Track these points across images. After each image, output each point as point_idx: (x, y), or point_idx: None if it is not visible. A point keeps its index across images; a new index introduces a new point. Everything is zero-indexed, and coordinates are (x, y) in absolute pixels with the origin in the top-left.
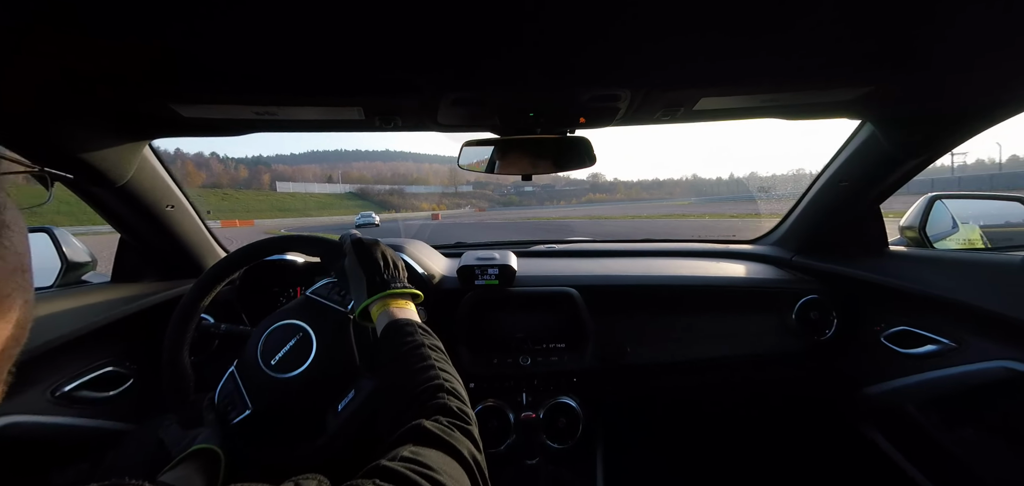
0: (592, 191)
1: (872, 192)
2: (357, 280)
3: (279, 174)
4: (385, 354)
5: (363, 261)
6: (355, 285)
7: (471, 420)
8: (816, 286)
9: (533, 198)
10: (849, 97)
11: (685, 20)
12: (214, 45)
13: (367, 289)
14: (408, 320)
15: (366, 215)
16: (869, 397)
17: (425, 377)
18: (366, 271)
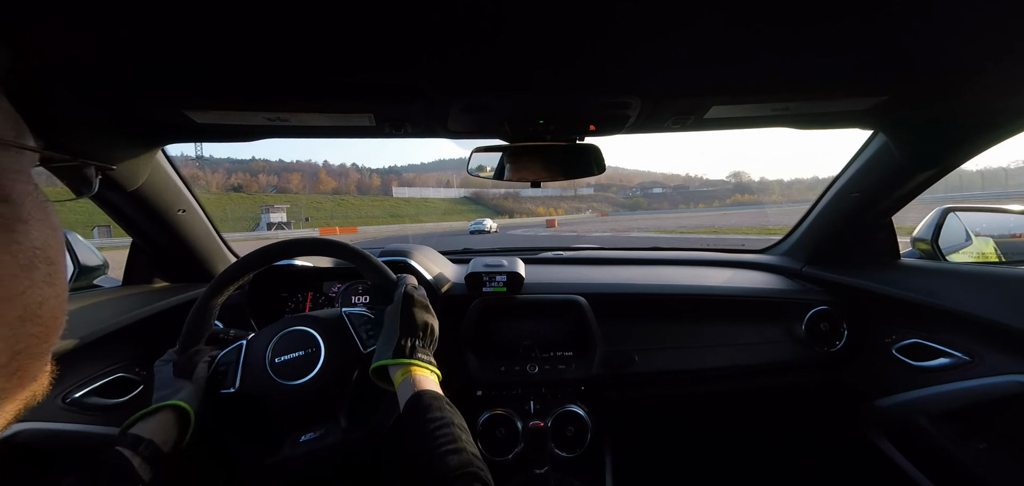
0: (738, 192)
1: (884, 204)
2: (389, 333)
3: (407, 182)
4: (411, 427)
5: (404, 318)
6: (385, 337)
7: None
8: (826, 297)
9: (664, 200)
10: (861, 107)
11: (695, 28)
12: (226, 53)
13: (395, 350)
14: (436, 394)
15: (479, 222)
16: (880, 409)
17: (458, 460)
18: (402, 330)
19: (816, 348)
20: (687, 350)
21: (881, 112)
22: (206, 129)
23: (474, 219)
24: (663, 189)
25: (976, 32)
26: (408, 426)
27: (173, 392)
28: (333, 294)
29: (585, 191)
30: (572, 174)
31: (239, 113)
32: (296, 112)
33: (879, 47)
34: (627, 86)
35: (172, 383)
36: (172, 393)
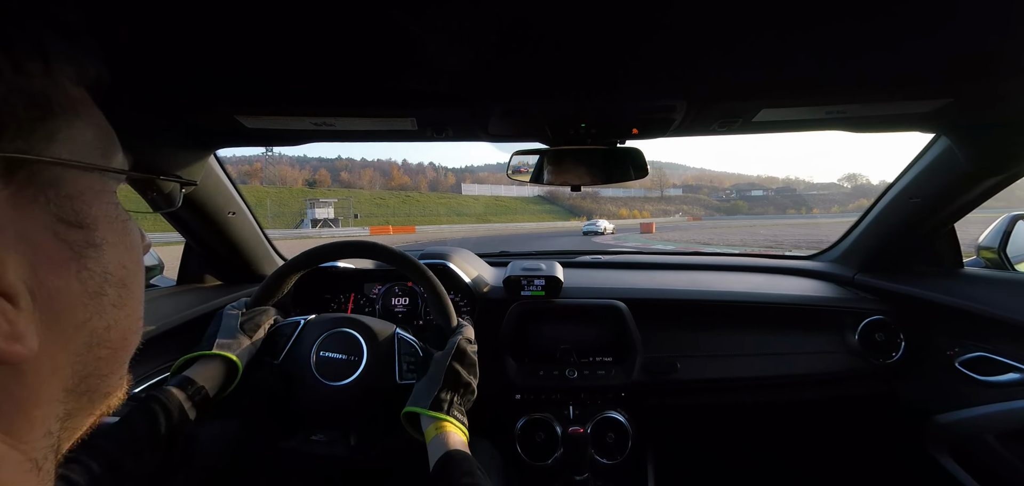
0: (859, 197)
1: (947, 210)
2: (432, 379)
3: (479, 179)
4: (443, 482)
5: (450, 372)
6: (428, 382)
7: None
8: (881, 306)
9: (768, 205)
10: (924, 110)
11: (746, 28)
12: (279, 62)
13: (433, 401)
14: (466, 455)
15: (593, 223)
16: (942, 425)
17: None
18: (446, 382)
19: (870, 359)
20: (733, 358)
21: (946, 115)
22: (256, 134)
23: (550, 219)
24: (764, 192)
25: None
26: (437, 481)
27: (233, 345)
28: (373, 295)
29: (672, 192)
30: (612, 178)
31: (287, 118)
32: (341, 117)
33: (947, 46)
34: (673, 89)
35: (235, 335)
36: (231, 346)
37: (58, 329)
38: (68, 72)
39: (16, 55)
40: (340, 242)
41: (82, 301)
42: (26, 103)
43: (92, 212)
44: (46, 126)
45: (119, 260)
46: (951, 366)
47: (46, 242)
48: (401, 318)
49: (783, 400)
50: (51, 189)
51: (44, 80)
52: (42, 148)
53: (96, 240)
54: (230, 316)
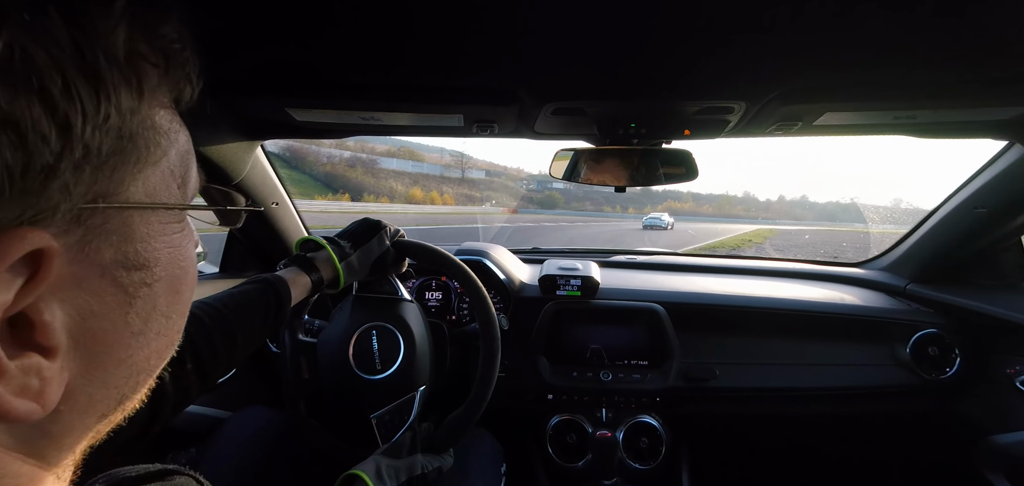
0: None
1: (1015, 222)
2: (402, 467)
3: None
4: None
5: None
6: (392, 464)
7: None
8: (936, 319)
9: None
10: (1000, 117)
11: (813, 27)
12: (333, 56)
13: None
14: None
15: (655, 218)
16: (998, 445)
17: None
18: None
19: (922, 374)
20: (774, 367)
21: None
22: (304, 126)
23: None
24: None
25: None
26: None
27: (356, 275)
28: (408, 287)
29: (475, 174)
30: (660, 180)
31: (336, 112)
32: (389, 112)
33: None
34: (732, 90)
35: (365, 268)
36: (355, 274)
37: (98, 369)
38: (162, 100)
39: (111, 93)
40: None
41: (126, 340)
42: (112, 144)
43: (156, 249)
44: (127, 167)
45: (172, 289)
46: (1011, 385)
47: (103, 289)
48: (434, 313)
49: (826, 413)
50: (121, 233)
51: (136, 117)
52: (118, 189)
53: (152, 279)
54: (380, 243)
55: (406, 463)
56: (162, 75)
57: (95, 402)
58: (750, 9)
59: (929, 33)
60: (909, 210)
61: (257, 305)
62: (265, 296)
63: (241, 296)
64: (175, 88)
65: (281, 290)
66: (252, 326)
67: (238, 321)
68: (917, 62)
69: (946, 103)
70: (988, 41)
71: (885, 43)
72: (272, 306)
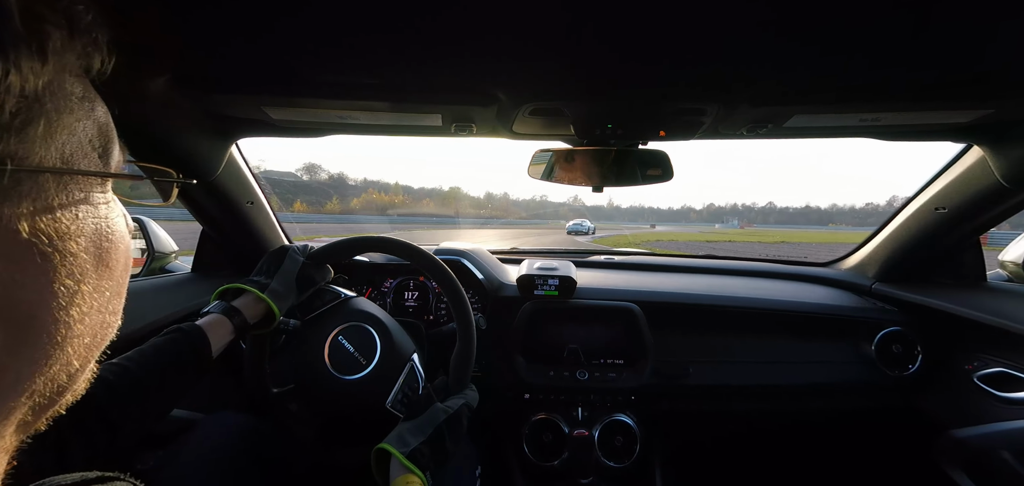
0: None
1: (974, 222)
2: (419, 427)
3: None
4: None
5: (440, 431)
6: (414, 428)
7: None
8: (899, 317)
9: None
10: (960, 120)
11: (781, 32)
12: (310, 53)
13: (412, 450)
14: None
15: (578, 223)
16: (958, 440)
17: None
18: (433, 438)
19: (886, 371)
20: (745, 365)
21: (983, 126)
22: (281, 124)
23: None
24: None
25: None
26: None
27: (283, 296)
28: (385, 289)
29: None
30: (637, 180)
31: (314, 111)
32: (367, 111)
33: (988, 56)
34: (704, 92)
35: (290, 287)
36: (281, 296)
37: (27, 347)
38: (71, 66)
39: (8, 52)
40: (391, 240)
41: (54, 313)
42: (16, 104)
43: (77, 219)
44: (35, 128)
45: (100, 261)
46: (969, 381)
47: (22, 256)
48: (412, 313)
49: (794, 409)
50: (34, 198)
51: (39, 78)
52: (28, 151)
53: (77, 248)
54: (292, 261)
55: (428, 417)
56: (66, 39)
57: (22, 380)
58: (721, 14)
59: (892, 41)
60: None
61: (169, 359)
62: (177, 348)
63: (152, 351)
64: (84, 55)
65: (197, 340)
66: (165, 380)
67: (149, 377)
68: (883, 67)
69: (908, 106)
70: (947, 48)
71: (850, 49)
72: (187, 358)
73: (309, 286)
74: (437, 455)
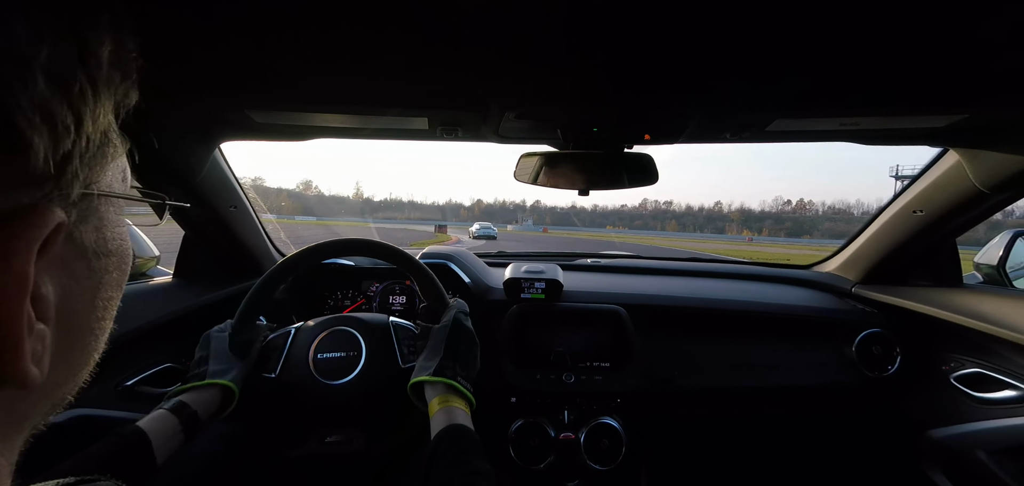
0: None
1: (950, 225)
2: (433, 351)
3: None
4: (437, 461)
5: (451, 342)
6: (429, 354)
7: None
8: (879, 319)
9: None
10: (936, 125)
11: (763, 38)
12: (296, 57)
13: (436, 369)
14: (467, 431)
15: (486, 228)
16: (935, 440)
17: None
18: (447, 352)
19: (867, 372)
20: (730, 368)
21: (958, 131)
22: (264, 128)
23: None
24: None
25: None
26: (434, 458)
27: (226, 369)
28: (371, 293)
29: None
30: (622, 183)
31: (298, 114)
32: (352, 115)
33: (963, 62)
34: (687, 96)
35: (227, 359)
36: (225, 371)
37: (69, 352)
38: (118, 105)
39: (100, 93)
40: (316, 246)
41: (90, 323)
42: (99, 137)
43: (117, 238)
44: (104, 161)
45: (123, 275)
46: (946, 381)
47: (81, 271)
48: (401, 315)
49: (779, 411)
50: (97, 220)
51: (108, 116)
52: (99, 179)
53: (112, 266)
54: (218, 339)
55: (433, 342)
56: (121, 81)
57: (58, 387)
58: (703, 21)
59: (869, 47)
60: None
61: (106, 467)
62: (113, 460)
63: (87, 461)
64: (125, 94)
65: (136, 447)
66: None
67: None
68: (861, 72)
69: (886, 111)
70: (923, 54)
71: (830, 54)
72: (126, 467)
73: (248, 348)
74: (460, 361)
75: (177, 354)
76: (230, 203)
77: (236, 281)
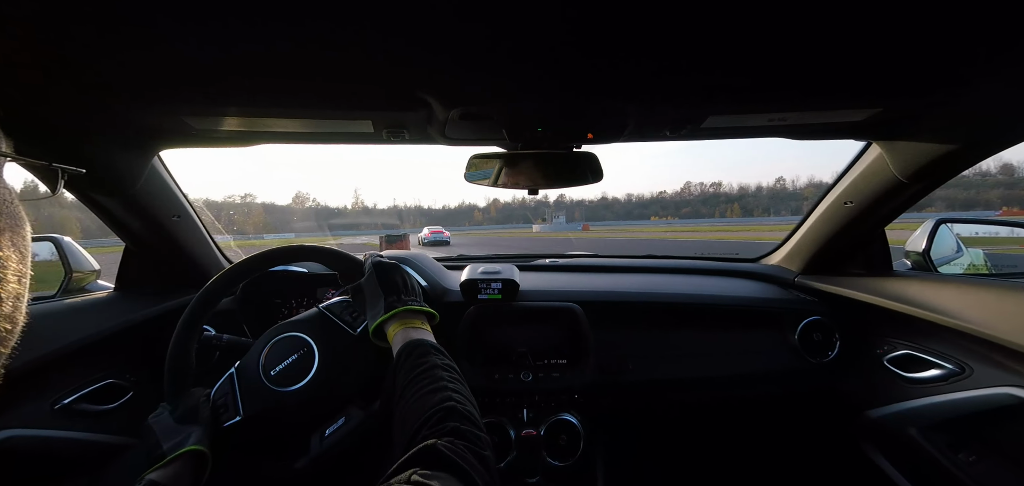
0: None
1: (877, 214)
2: (374, 299)
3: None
4: (401, 374)
5: (383, 281)
6: (372, 303)
7: (485, 445)
8: (819, 307)
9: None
10: (856, 119)
11: (693, 38)
12: (226, 58)
13: (384, 307)
14: (422, 340)
15: (438, 234)
16: (872, 420)
17: (437, 398)
18: (384, 290)
19: (809, 358)
20: (681, 359)
21: (876, 124)
22: (203, 134)
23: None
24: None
25: (970, 46)
26: (397, 373)
27: (185, 438)
28: (327, 298)
29: None
30: (569, 181)
31: (238, 119)
32: (293, 118)
33: (874, 60)
34: (623, 93)
35: (179, 430)
36: (184, 440)
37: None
38: None
39: None
40: (214, 281)
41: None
42: None
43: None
44: None
45: (14, 231)
46: (880, 363)
47: None
48: None
49: (729, 399)
50: None
51: None
52: None
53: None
54: (161, 420)
55: (367, 293)
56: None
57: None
58: (635, 18)
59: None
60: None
61: None
62: None
63: None
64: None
65: None
66: None
67: None
68: (784, 69)
69: (809, 106)
70: (838, 51)
71: (755, 52)
72: None
73: (195, 413)
74: (401, 290)
75: (121, 369)
76: (173, 213)
77: (182, 293)
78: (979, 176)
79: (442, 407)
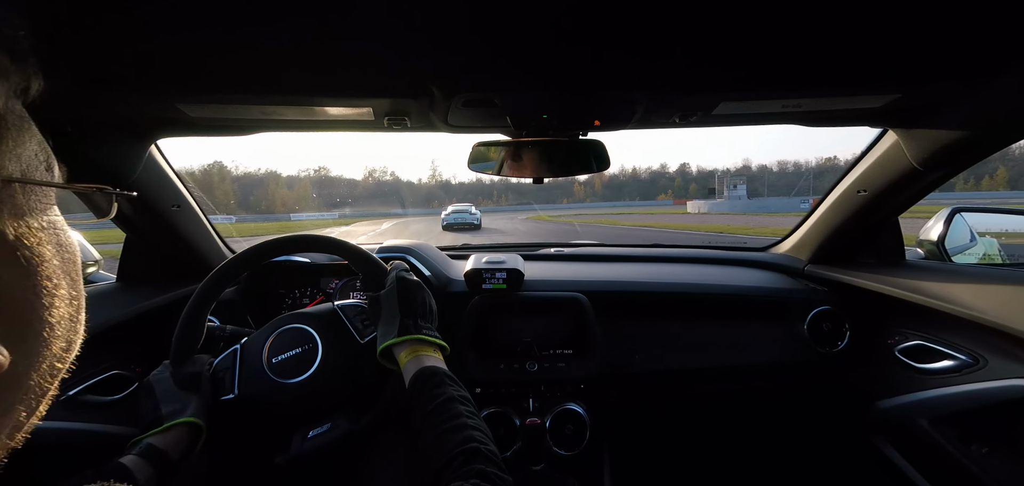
0: None
1: (891, 203)
2: (390, 316)
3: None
4: (415, 405)
5: (403, 299)
6: (387, 320)
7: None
8: (829, 297)
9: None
10: (873, 105)
11: (704, 22)
12: (222, 45)
13: (399, 329)
14: (437, 369)
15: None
16: (882, 411)
17: (460, 438)
18: (403, 311)
19: (818, 349)
20: (688, 349)
21: (893, 111)
22: (200, 122)
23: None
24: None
25: (997, 29)
26: (412, 404)
27: (183, 407)
28: (331, 290)
29: None
30: (575, 170)
31: (234, 107)
32: (291, 105)
33: (894, 46)
34: (633, 81)
35: (179, 397)
36: (182, 409)
37: (23, 341)
38: (14, 87)
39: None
40: (232, 260)
41: (40, 314)
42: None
43: (44, 227)
44: (4, 143)
45: (67, 269)
46: (891, 354)
47: (10, 259)
48: None
49: (736, 390)
50: (10, 206)
51: (2, 99)
52: (4, 166)
53: (49, 255)
54: (161, 381)
55: (384, 307)
56: (10, 64)
57: (20, 375)
58: (644, 7)
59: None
60: None
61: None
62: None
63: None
64: (24, 78)
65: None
66: None
67: None
68: (801, 55)
69: (825, 92)
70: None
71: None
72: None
73: (196, 380)
74: (418, 315)
75: (125, 360)
76: (172, 202)
77: (184, 283)
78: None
79: (466, 449)
